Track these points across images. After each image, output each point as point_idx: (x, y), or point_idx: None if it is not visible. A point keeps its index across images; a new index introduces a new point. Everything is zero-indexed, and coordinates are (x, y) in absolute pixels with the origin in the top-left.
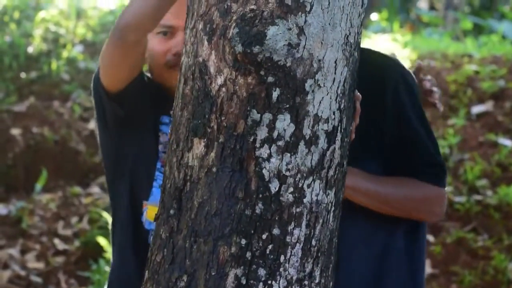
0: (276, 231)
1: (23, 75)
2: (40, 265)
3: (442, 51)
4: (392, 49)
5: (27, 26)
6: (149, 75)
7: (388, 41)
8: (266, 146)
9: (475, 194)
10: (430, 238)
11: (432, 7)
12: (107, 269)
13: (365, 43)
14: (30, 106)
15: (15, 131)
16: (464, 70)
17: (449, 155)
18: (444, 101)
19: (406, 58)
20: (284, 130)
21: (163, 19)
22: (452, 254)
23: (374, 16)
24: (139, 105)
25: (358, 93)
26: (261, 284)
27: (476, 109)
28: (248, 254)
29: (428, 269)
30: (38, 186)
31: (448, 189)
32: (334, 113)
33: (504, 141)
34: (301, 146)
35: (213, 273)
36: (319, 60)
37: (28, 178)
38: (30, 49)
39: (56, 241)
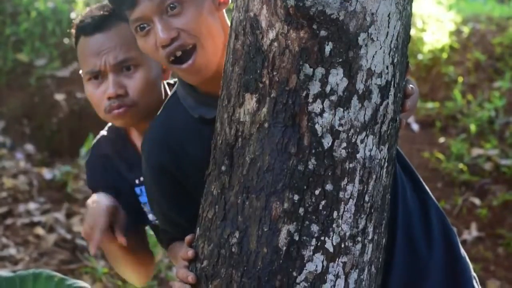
0: (329, 186)
1: (66, 40)
2: None
3: (487, 14)
4: (437, 12)
5: None
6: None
7: (432, 4)
8: (318, 101)
9: None
10: (476, 201)
11: None
12: (151, 231)
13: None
14: (73, 71)
15: (59, 97)
16: (509, 33)
17: (495, 118)
18: (489, 64)
19: (451, 21)
20: (337, 84)
21: (88, 65)
22: (498, 217)
23: None
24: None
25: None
26: (314, 240)
27: None
28: (301, 210)
29: (474, 232)
30: (83, 150)
31: (494, 152)
32: (387, 68)
33: None
34: (354, 101)
35: (265, 229)
36: (372, 14)
37: (72, 143)
38: (73, 15)
39: None
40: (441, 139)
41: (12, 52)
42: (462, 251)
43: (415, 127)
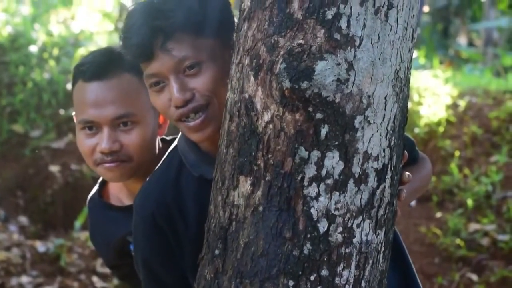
0: (324, 272)
1: (62, 112)
2: None
3: (483, 87)
4: (433, 85)
5: (66, 63)
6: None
7: (429, 77)
8: (314, 184)
9: None
10: (474, 277)
11: (471, 44)
12: None
13: None
14: (68, 142)
15: (54, 168)
16: (506, 107)
17: (492, 193)
18: (486, 138)
19: (447, 94)
20: (333, 168)
21: (84, 114)
22: None
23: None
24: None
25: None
26: None
27: None
28: None
29: None
30: (77, 223)
31: (491, 227)
32: (384, 151)
33: None
34: (350, 185)
35: None
36: (369, 96)
37: (66, 215)
38: (69, 86)
39: (95, 279)
40: (438, 214)
41: (7, 123)
42: None
43: (412, 201)
